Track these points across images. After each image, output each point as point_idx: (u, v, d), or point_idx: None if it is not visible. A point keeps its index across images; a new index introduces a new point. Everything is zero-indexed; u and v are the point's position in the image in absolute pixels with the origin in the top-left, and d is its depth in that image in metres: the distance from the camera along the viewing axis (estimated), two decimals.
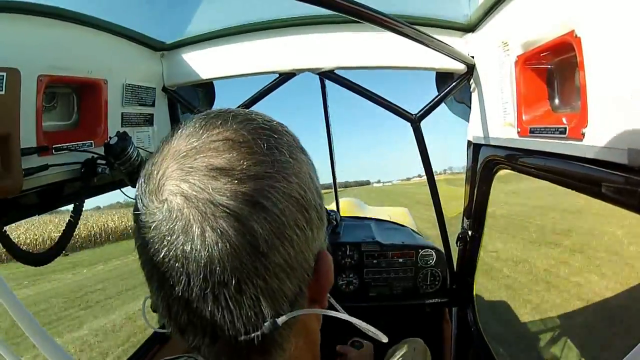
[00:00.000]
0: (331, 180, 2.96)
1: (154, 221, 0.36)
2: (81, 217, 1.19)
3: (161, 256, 0.35)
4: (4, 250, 0.98)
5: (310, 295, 0.42)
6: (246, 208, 0.34)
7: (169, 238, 0.35)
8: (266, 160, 0.37)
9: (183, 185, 0.35)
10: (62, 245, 1.12)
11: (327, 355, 0.68)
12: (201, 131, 0.38)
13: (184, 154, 0.37)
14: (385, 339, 0.46)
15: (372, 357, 0.96)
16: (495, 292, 5.05)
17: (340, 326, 0.45)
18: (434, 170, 1.66)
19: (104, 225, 18.07)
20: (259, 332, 0.37)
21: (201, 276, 0.34)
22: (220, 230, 0.33)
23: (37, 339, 1.05)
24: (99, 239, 17.21)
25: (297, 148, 0.42)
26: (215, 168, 0.35)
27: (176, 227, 0.34)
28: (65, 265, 11.33)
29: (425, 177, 1.64)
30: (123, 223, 18.41)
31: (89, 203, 1.21)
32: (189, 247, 0.34)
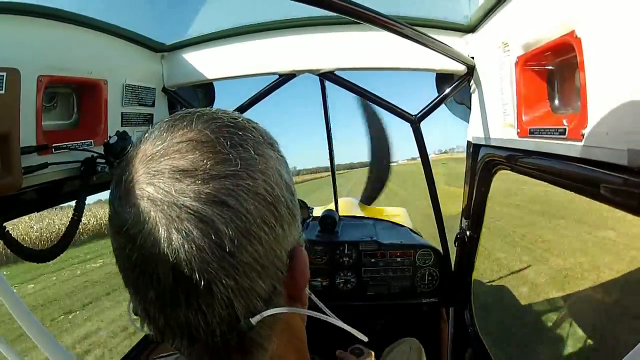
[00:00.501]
0: (332, 183, 2.96)
1: (124, 225, 0.35)
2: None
3: (133, 259, 0.35)
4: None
5: (288, 293, 0.42)
6: (210, 208, 0.34)
7: (138, 242, 0.34)
8: (229, 158, 0.36)
9: (149, 189, 0.35)
10: (66, 242, 1.13)
11: (327, 358, 0.67)
12: (165, 134, 0.38)
13: (150, 157, 0.37)
14: (364, 339, 0.46)
15: None
16: None
17: (341, 331, 0.45)
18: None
19: None
20: (234, 333, 0.37)
21: (170, 279, 0.34)
22: (185, 232, 0.33)
23: (37, 338, 1.05)
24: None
25: (263, 144, 0.41)
26: (179, 170, 0.35)
27: (144, 230, 0.34)
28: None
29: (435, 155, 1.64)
30: None
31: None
32: (157, 250, 0.34)
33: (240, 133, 0.39)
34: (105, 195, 1.41)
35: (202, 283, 0.34)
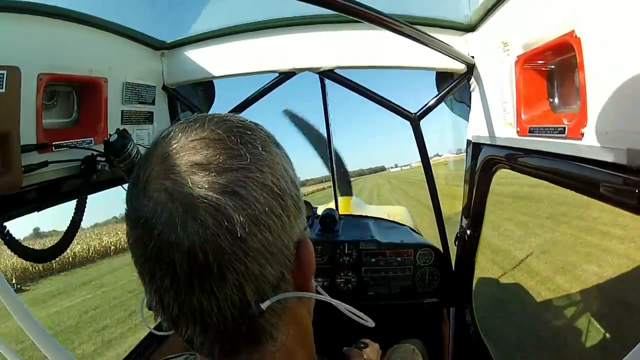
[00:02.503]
0: (331, 183, 2.96)
1: (142, 217, 0.38)
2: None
3: (149, 249, 0.37)
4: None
5: (295, 282, 0.44)
6: (223, 197, 0.37)
7: (155, 231, 0.37)
8: (240, 153, 0.39)
9: (166, 183, 0.38)
10: (66, 242, 1.13)
11: (334, 357, 0.68)
12: (180, 134, 0.41)
13: (166, 155, 0.40)
14: (371, 324, 0.49)
15: (378, 357, 0.96)
16: None
17: (349, 329, 0.47)
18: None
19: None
20: (245, 317, 0.39)
21: (186, 264, 0.36)
22: (200, 220, 0.36)
23: (37, 338, 1.05)
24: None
25: (270, 143, 0.44)
26: (194, 164, 0.38)
27: (161, 220, 0.37)
28: None
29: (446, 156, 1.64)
30: None
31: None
32: (174, 237, 0.36)
33: (249, 132, 0.42)
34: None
35: (215, 268, 0.36)
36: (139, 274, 0.41)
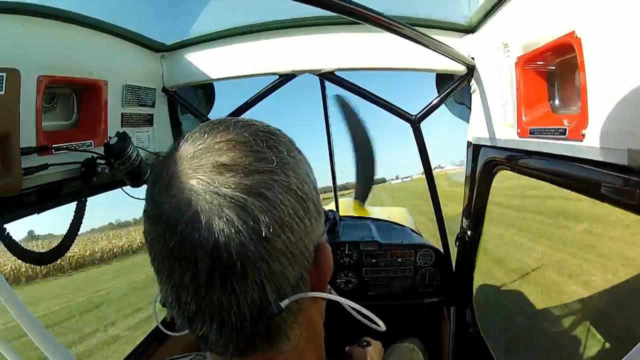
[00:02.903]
0: (332, 184, 2.95)
1: (164, 214, 0.38)
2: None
3: (170, 246, 0.38)
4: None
5: (312, 284, 0.45)
6: (250, 198, 0.37)
7: (178, 228, 0.37)
8: (266, 157, 0.40)
9: (191, 182, 0.38)
10: (67, 244, 1.12)
11: (337, 356, 0.68)
12: (206, 135, 0.42)
13: (191, 155, 0.40)
14: (382, 328, 0.49)
15: (381, 355, 0.95)
16: None
17: (352, 328, 0.47)
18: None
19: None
20: (264, 316, 0.39)
21: (208, 262, 0.37)
22: (226, 218, 0.36)
23: (37, 338, 1.04)
24: None
25: (293, 148, 0.46)
26: (220, 164, 0.38)
27: (185, 218, 0.37)
28: None
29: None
30: None
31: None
32: (197, 235, 0.36)
33: (274, 137, 0.43)
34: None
35: (238, 265, 0.37)
36: (155, 271, 0.41)
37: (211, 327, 0.40)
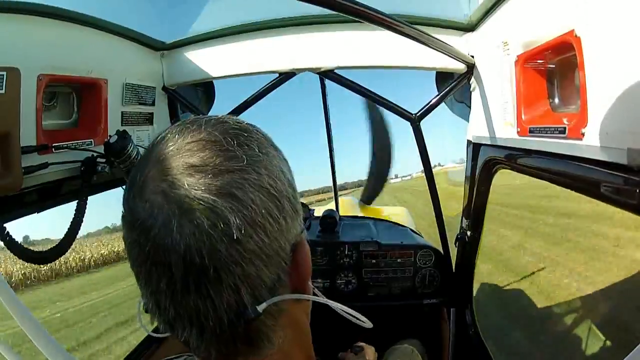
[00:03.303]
0: (332, 185, 2.95)
1: (138, 219, 0.38)
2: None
3: (146, 251, 0.37)
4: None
5: (292, 285, 0.44)
6: (219, 199, 0.36)
7: (151, 233, 0.37)
8: (236, 155, 0.39)
9: (162, 185, 0.38)
10: (67, 243, 1.13)
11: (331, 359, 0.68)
12: (177, 136, 0.41)
13: (163, 157, 0.40)
14: (368, 325, 0.49)
15: (375, 359, 0.95)
16: None
17: (346, 331, 0.46)
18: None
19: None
20: (241, 320, 0.39)
21: (182, 267, 0.36)
22: (196, 222, 0.36)
23: (37, 338, 1.05)
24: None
25: (267, 145, 0.44)
26: (190, 166, 0.38)
27: (157, 222, 0.36)
28: None
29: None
30: None
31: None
32: (170, 240, 0.36)
33: (246, 134, 0.42)
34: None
35: (211, 270, 0.36)
36: (135, 277, 0.41)
37: (191, 332, 0.40)
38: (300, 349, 0.48)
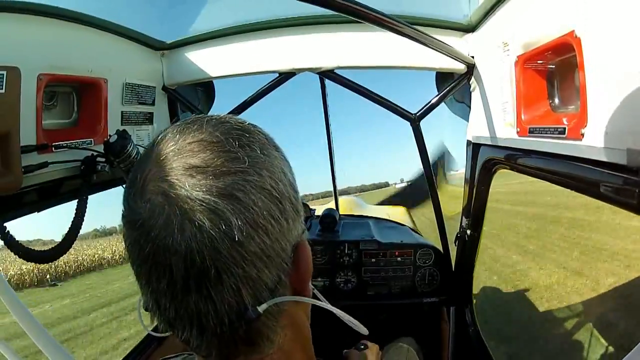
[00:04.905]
0: (332, 187, 2.95)
1: (139, 219, 0.38)
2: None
3: (146, 252, 0.37)
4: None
5: (292, 286, 0.44)
6: (221, 201, 0.36)
7: (152, 234, 0.36)
8: (238, 156, 0.39)
9: (163, 185, 0.37)
10: (68, 243, 1.12)
11: (334, 358, 0.68)
12: (178, 136, 0.41)
13: (164, 157, 0.39)
14: (364, 332, 0.49)
15: (379, 357, 0.96)
16: None
17: (348, 330, 0.46)
18: None
19: None
20: (242, 321, 0.39)
21: (183, 268, 0.36)
22: (197, 223, 0.36)
23: (36, 338, 1.05)
24: None
25: (269, 145, 0.44)
26: (191, 167, 0.38)
27: (158, 223, 0.36)
28: None
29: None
30: None
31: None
32: (170, 240, 0.36)
33: (248, 135, 0.42)
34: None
35: (212, 271, 0.36)
36: (135, 276, 0.41)
37: (191, 332, 0.40)
38: (301, 349, 0.48)
